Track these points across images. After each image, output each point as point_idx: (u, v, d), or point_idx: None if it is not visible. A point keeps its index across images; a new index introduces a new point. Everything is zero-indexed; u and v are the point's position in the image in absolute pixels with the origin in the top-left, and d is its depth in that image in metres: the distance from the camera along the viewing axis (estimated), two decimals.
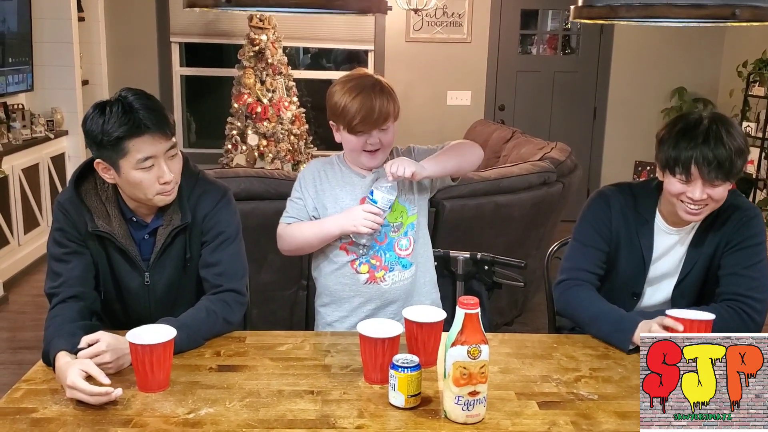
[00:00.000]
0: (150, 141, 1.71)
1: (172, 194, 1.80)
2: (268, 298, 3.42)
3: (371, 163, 2.01)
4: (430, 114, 6.75)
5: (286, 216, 2.08)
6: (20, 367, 1.65)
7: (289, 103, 6.07)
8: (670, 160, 1.83)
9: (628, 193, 2.02)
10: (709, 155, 1.77)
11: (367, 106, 1.91)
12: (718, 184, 1.80)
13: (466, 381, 1.43)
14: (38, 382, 1.60)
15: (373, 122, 1.92)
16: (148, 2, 6.46)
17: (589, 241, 2.02)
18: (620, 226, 2.00)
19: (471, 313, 1.42)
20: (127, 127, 1.68)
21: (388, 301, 2.06)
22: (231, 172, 3.46)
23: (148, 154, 1.71)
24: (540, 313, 2.41)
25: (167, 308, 1.86)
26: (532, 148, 4.59)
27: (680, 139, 1.82)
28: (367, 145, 1.97)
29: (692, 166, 1.79)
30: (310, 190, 2.06)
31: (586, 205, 2.07)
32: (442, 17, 6.64)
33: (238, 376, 1.64)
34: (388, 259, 2.05)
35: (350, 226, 1.95)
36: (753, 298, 1.87)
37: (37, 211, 5.14)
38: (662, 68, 6.72)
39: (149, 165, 1.73)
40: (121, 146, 1.70)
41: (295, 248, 2.07)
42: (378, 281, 2.04)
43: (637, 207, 1.99)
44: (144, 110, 1.69)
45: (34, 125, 5.18)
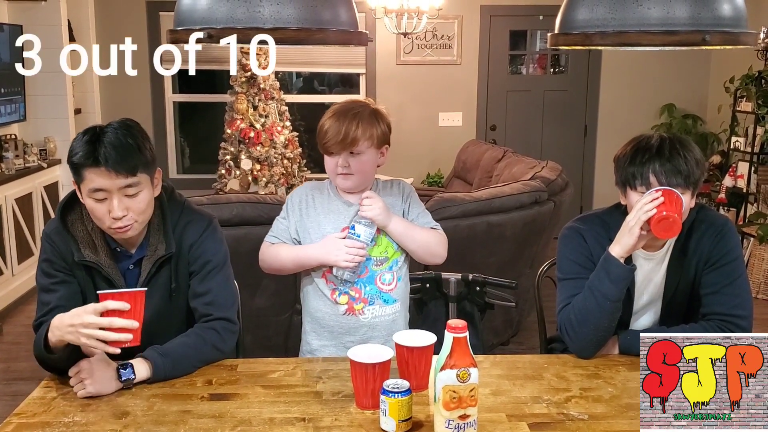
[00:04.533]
0: (105, 175, 1.71)
1: (128, 231, 1.78)
2: (262, 324, 3.41)
3: (343, 185, 2.05)
4: (422, 135, 6.80)
5: (270, 235, 2.12)
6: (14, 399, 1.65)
7: (282, 128, 6.11)
8: (629, 176, 1.87)
9: (598, 223, 2.01)
10: (666, 164, 1.82)
11: (335, 128, 1.96)
12: (679, 191, 1.82)
13: (456, 404, 1.44)
14: (29, 415, 1.60)
15: (340, 144, 1.96)
16: (140, 30, 6.51)
17: (574, 274, 1.98)
18: (600, 258, 1.94)
19: (459, 337, 1.43)
20: (84, 156, 1.72)
21: (367, 336, 2.05)
22: (223, 197, 3.48)
23: (99, 186, 1.72)
24: (536, 332, 2.41)
25: (154, 338, 1.86)
26: (524, 167, 4.62)
27: (635, 155, 1.86)
28: (338, 168, 2.00)
29: (650, 177, 1.83)
30: (295, 212, 2.10)
31: (560, 243, 2.04)
32: (432, 40, 6.71)
33: (230, 404, 1.64)
34: (368, 292, 2.05)
35: (331, 259, 1.98)
36: (736, 315, 1.87)
37: (31, 241, 5.14)
38: (651, 85, 6.78)
39: (101, 197, 1.74)
40: (79, 172, 1.74)
41: (273, 269, 2.10)
42: (356, 313, 2.06)
43: (610, 236, 1.95)
44: (109, 146, 1.71)
45: (27, 155, 5.19)
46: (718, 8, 1.36)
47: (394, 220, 2.02)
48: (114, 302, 1.60)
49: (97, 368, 1.68)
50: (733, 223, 1.97)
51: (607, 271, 1.85)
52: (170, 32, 1.49)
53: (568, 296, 1.96)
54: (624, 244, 1.84)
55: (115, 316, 1.60)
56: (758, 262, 5.04)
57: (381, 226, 2.00)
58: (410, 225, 2.06)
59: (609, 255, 1.86)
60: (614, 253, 1.85)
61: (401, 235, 2.03)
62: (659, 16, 1.34)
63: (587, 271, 1.95)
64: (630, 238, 1.82)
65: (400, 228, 2.03)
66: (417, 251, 2.08)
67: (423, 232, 2.07)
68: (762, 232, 4.93)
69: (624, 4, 1.36)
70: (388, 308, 2.08)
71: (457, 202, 3.51)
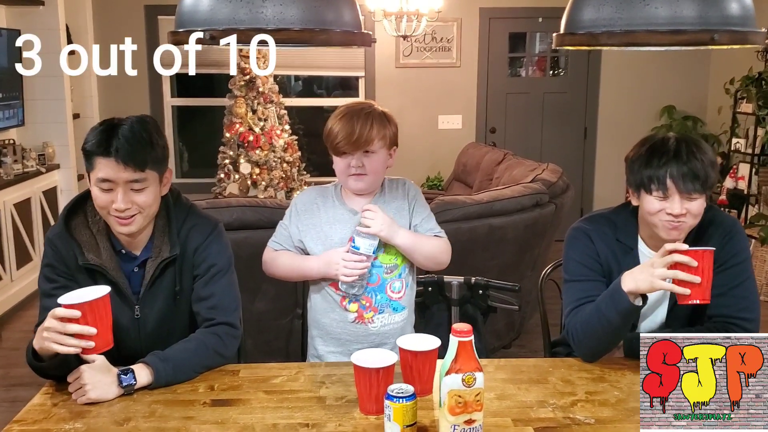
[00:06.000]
0: (113, 166, 1.73)
1: (130, 225, 1.78)
2: (263, 328, 3.40)
3: (356, 186, 2.01)
4: (422, 139, 6.78)
5: (273, 241, 2.10)
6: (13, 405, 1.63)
7: (281, 131, 6.09)
8: (644, 179, 1.83)
9: (605, 223, 1.98)
10: (683, 168, 1.78)
11: (348, 127, 1.93)
12: (696, 197, 1.80)
13: (462, 409, 1.42)
14: (30, 422, 1.58)
15: (354, 143, 1.94)
16: (139, 33, 6.50)
17: (582, 276, 1.95)
18: (609, 258, 1.94)
19: (465, 341, 1.42)
20: (96, 144, 1.75)
21: (376, 344, 2.02)
22: (223, 201, 3.46)
23: (106, 176, 1.74)
24: (538, 335, 2.40)
25: (158, 342, 1.85)
26: (524, 170, 4.61)
27: (651, 157, 1.82)
28: (351, 168, 1.97)
29: (668, 181, 1.79)
30: (300, 220, 2.07)
31: (567, 244, 2.01)
32: (431, 42, 6.70)
33: (233, 410, 1.62)
34: (379, 301, 2.03)
35: (331, 273, 1.97)
36: (744, 318, 1.85)
37: (30, 246, 5.12)
38: (651, 87, 6.78)
39: (107, 188, 1.75)
40: (90, 159, 1.76)
41: (276, 276, 2.09)
42: (366, 322, 2.04)
43: (618, 236, 1.95)
44: (123, 138, 1.73)
45: (25, 160, 5.17)
46: (726, 7, 1.34)
47: (401, 234, 1.98)
48: (63, 310, 1.59)
49: (97, 374, 1.66)
50: (741, 225, 1.94)
51: (614, 302, 1.79)
52: (171, 34, 1.47)
53: (575, 299, 1.93)
54: (640, 287, 1.75)
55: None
56: (760, 263, 5.03)
57: (386, 239, 1.97)
58: (417, 237, 2.03)
59: (619, 288, 1.77)
60: (626, 287, 1.77)
61: (409, 249, 2.01)
62: (667, 15, 1.33)
63: (594, 273, 1.93)
64: (647, 286, 1.74)
65: (408, 242, 2.00)
66: (424, 263, 2.07)
67: (430, 242, 2.05)
68: (764, 233, 4.92)
69: (631, 3, 1.35)
70: (397, 316, 2.06)
71: (458, 205, 3.50)
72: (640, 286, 1.75)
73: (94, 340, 1.60)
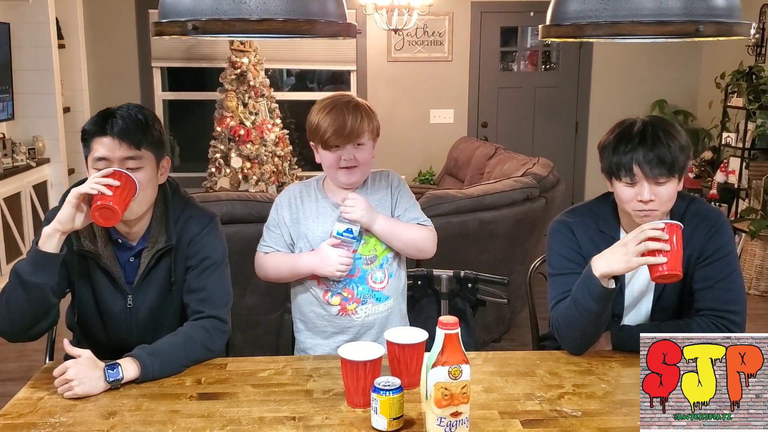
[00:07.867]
0: (109, 144, 1.75)
1: None
2: (253, 323, 3.39)
3: (348, 180, 2.00)
4: (413, 133, 6.78)
5: (262, 244, 2.09)
6: (2, 399, 1.62)
7: (272, 125, 6.07)
8: (612, 166, 1.83)
9: (587, 215, 1.99)
10: (648, 154, 1.78)
11: (339, 120, 1.92)
12: (663, 181, 1.79)
13: (448, 402, 1.42)
14: (15, 416, 1.57)
15: (346, 136, 1.93)
16: (129, 28, 6.47)
17: (565, 269, 1.95)
18: (591, 250, 1.92)
19: (451, 334, 1.42)
20: (93, 124, 1.77)
21: (360, 333, 2.04)
22: (213, 195, 3.45)
23: (102, 155, 1.75)
24: (528, 329, 2.40)
25: (149, 332, 1.85)
26: (516, 164, 4.61)
27: (618, 143, 1.83)
28: (342, 162, 1.96)
29: (634, 167, 1.79)
30: (286, 218, 2.06)
31: (550, 238, 2.01)
32: (423, 36, 6.69)
33: (219, 404, 1.62)
34: (361, 292, 2.03)
35: (325, 270, 1.96)
36: (730, 311, 1.85)
37: (20, 240, 5.10)
38: (642, 81, 6.79)
39: (102, 167, 1.75)
40: (87, 142, 1.78)
41: (270, 279, 2.09)
42: (350, 313, 2.04)
43: (600, 227, 1.95)
44: (119, 117, 1.76)
45: (15, 154, 5.15)
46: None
47: (379, 219, 1.98)
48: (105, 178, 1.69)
49: (83, 369, 1.65)
50: (726, 217, 1.94)
51: (588, 289, 1.79)
52: (155, 24, 1.47)
53: (559, 292, 1.94)
54: (614, 268, 1.76)
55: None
56: (750, 257, 5.05)
57: (365, 226, 1.97)
58: (396, 223, 2.03)
59: (591, 274, 1.78)
60: (599, 271, 1.76)
61: (386, 235, 2.01)
62: (652, 6, 1.32)
63: (577, 265, 1.93)
64: (622, 266, 1.74)
65: (385, 228, 2.00)
66: (404, 249, 2.06)
67: (409, 229, 2.04)
68: (753, 227, 4.93)
69: None
70: (381, 306, 2.06)
71: (448, 199, 3.49)
72: (614, 267, 1.75)
73: (112, 200, 1.67)
